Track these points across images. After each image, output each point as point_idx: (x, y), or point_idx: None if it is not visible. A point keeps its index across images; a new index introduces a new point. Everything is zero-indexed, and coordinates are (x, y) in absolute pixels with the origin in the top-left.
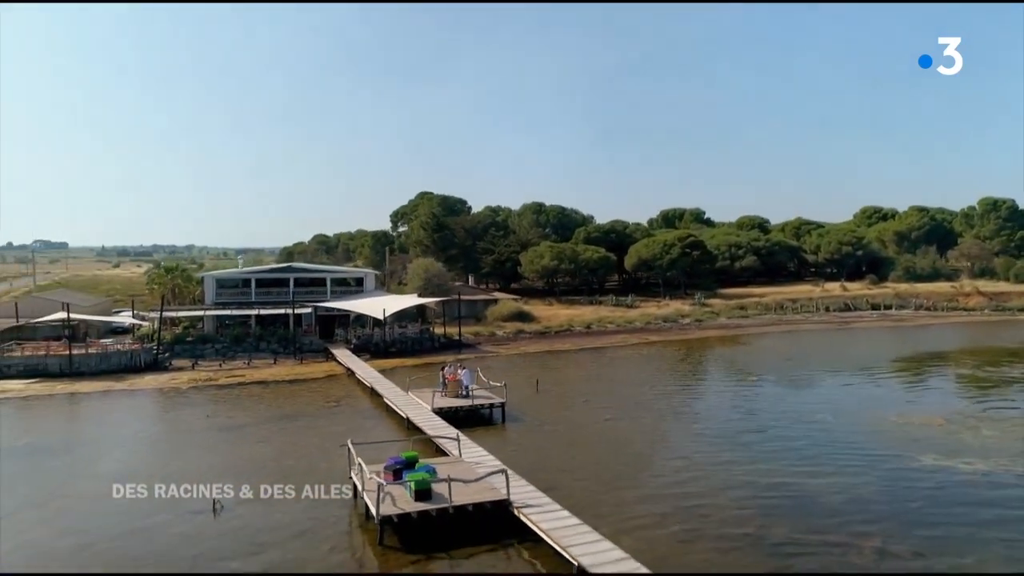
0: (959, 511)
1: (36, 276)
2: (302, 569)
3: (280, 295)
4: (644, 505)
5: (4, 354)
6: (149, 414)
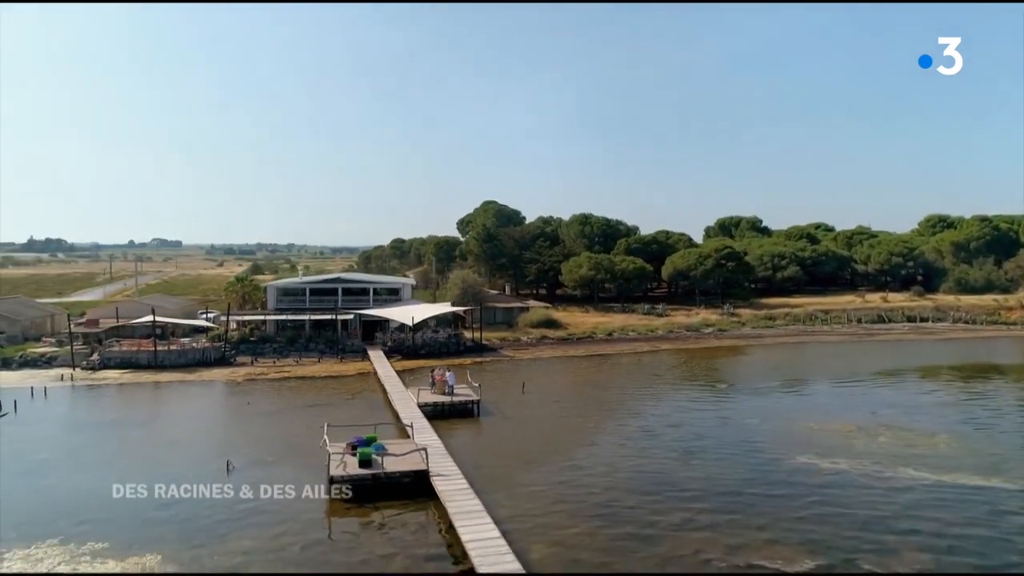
0: (784, 497)
1: (149, 276)
2: (280, 506)
3: (330, 303)
4: (536, 479)
5: (107, 349)
6: (208, 400)
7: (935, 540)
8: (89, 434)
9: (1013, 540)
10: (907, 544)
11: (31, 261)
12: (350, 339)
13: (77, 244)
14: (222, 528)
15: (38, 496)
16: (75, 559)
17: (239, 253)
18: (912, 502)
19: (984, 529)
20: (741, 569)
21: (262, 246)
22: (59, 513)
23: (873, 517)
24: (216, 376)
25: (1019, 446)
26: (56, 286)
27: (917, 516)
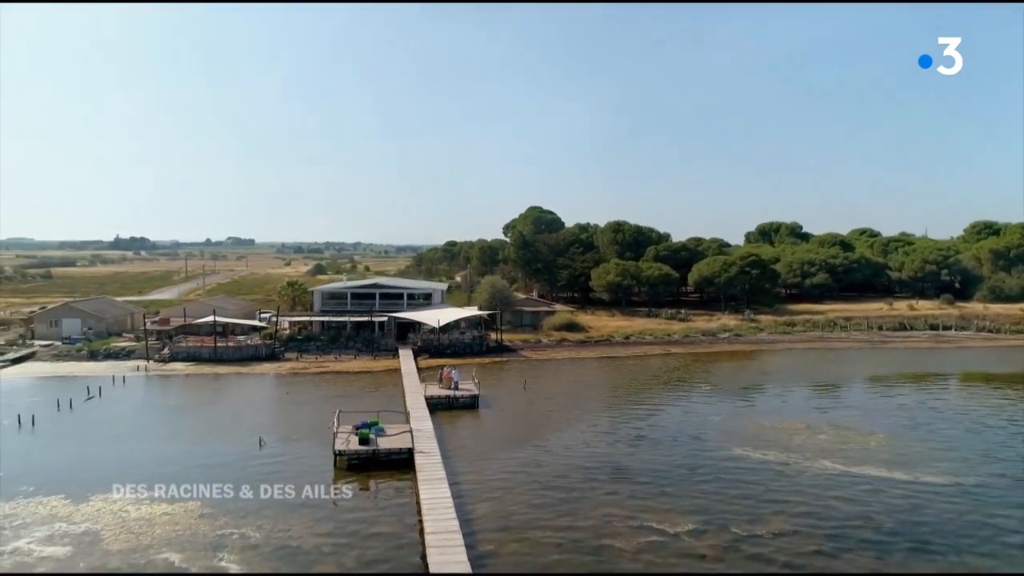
0: (699, 478)
1: (220, 275)
2: (295, 471)
3: (369, 306)
4: (503, 457)
5: (175, 344)
6: (256, 390)
7: (802, 512)
8: (157, 415)
9: (872, 518)
10: (777, 514)
11: (116, 259)
12: (385, 339)
13: (159, 242)
14: (243, 481)
15: (116, 459)
16: (139, 501)
17: (307, 252)
18: (807, 485)
19: (851, 506)
20: (633, 528)
21: (330, 245)
22: (130, 470)
23: (765, 495)
24: (266, 370)
25: (938, 447)
26: (137, 284)
27: (802, 495)
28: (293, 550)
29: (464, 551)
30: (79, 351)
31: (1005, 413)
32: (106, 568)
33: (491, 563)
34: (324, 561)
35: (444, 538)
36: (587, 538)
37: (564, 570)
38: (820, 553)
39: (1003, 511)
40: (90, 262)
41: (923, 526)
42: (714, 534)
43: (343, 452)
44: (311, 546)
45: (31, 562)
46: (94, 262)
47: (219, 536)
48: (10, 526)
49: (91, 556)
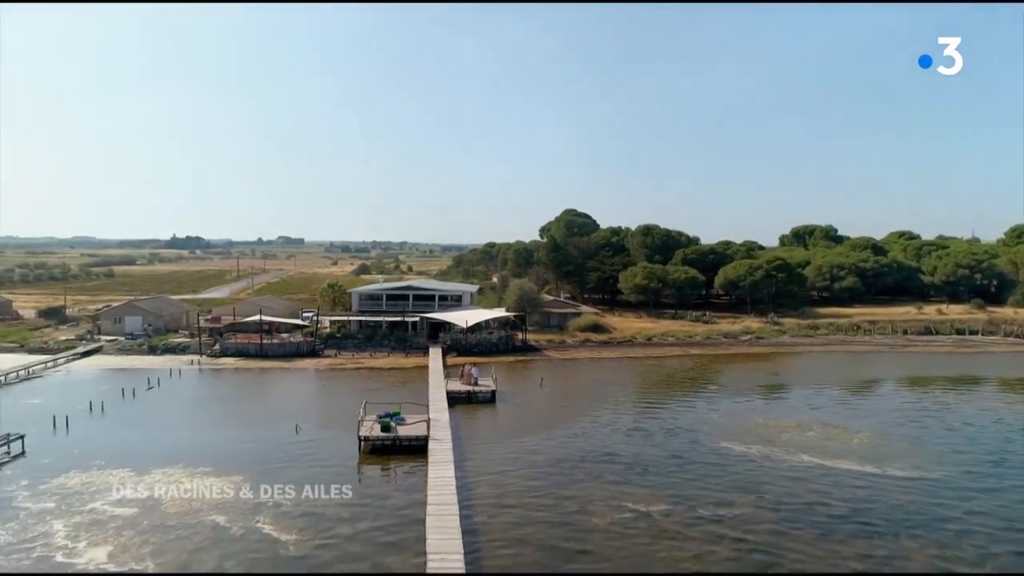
0: (683, 467)
1: (270, 274)
2: (326, 454)
3: (403, 306)
4: (508, 445)
5: (225, 341)
6: (296, 383)
7: (766, 498)
8: (208, 404)
9: (828, 503)
10: (743, 498)
11: (173, 258)
12: (417, 338)
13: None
14: (285, 462)
15: (172, 440)
16: (191, 475)
17: (354, 251)
18: (778, 475)
19: (813, 493)
20: (611, 506)
21: (376, 244)
22: (184, 449)
23: (737, 483)
24: (307, 365)
25: (917, 445)
26: (192, 283)
27: (771, 483)
28: (317, 516)
29: (457, 518)
30: (140, 346)
31: (997, 415)
32: (164, 526)
33: (483, 528)
34: (342, 524)
35: (442, 508)
36: (568, 511)
37: (543, 539)
38: (771, 532)
39: (952, 501)
40: (149, 261)
41: (872, 511)
42: (680, 513)
43: (367, 438)
44: (332, 513)
45: (105, 520)
46: (152, 261)
47: (257, 503)
48: (87, 492)
49: (152, 516)
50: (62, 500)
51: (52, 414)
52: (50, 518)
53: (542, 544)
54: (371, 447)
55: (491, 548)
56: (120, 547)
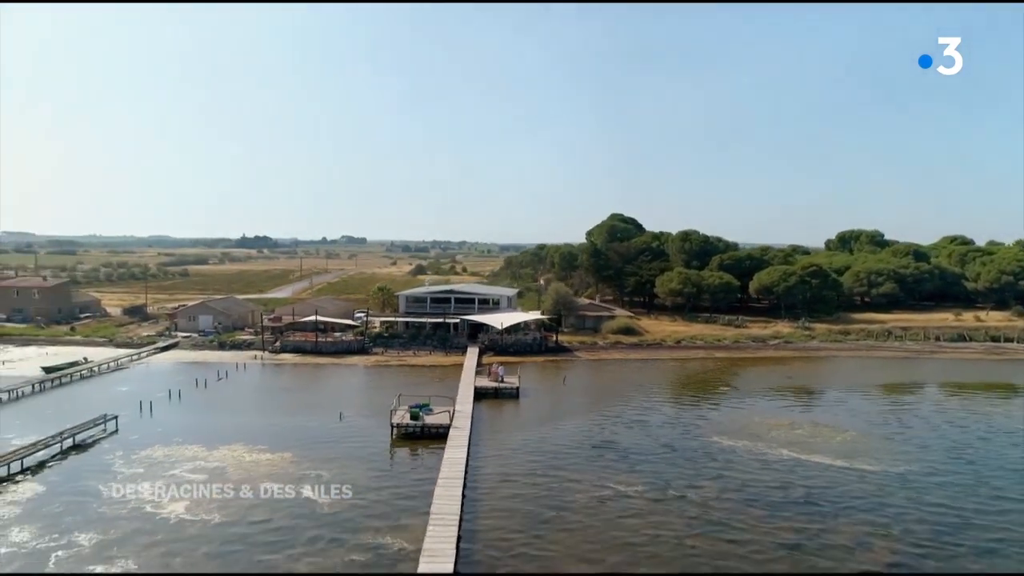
0: (669, 455)
1: (331, 274)
2: (363, 437)
3: (445, 308)
4: (521, 434)
5: (285, 338)
6: (345, 378)
7: (735, 482)
8: (267, 394)
9: (788, 489)
10: (713, 482)
11: (242, 257)
12: (457, 338)
13: (279, 240)
14: (328, 443)
15: (236, 422)
16: (250, 451)
17: (414, 250)
18: (753, 465)
19: (777, 481)
20: (596, 484)
21: (436, 243)
22: (245, 430)
23: (712, 470)
24: (356, 362)
25: (894, 444)
26: (259, 282)
27: (743, 471)
28: (352, 483)
29: (460, 489)
30: (211, 342)
31: (986, 420)
32: (227, 488)
33: (483, 497)
34: (369, 489)
35: (449, 481)
36: (559, 487)
37: (530, 507)
38: (726, 509)
39: (901, 491)
40: (220, 260)
41: (824, 496)
42: (653, 492)
43: (398, 425)
44: (363, 481)
45: (182, 482)
46: (223, 260)
47: (302, 474)
48: (168, 461)
49: (219, 481)
50: (149, 467)
51: (138, 399)
52: (140, 480)
53: (527, 510)
54: (401, 433)
55: (485, 512)
56: (193, 503)
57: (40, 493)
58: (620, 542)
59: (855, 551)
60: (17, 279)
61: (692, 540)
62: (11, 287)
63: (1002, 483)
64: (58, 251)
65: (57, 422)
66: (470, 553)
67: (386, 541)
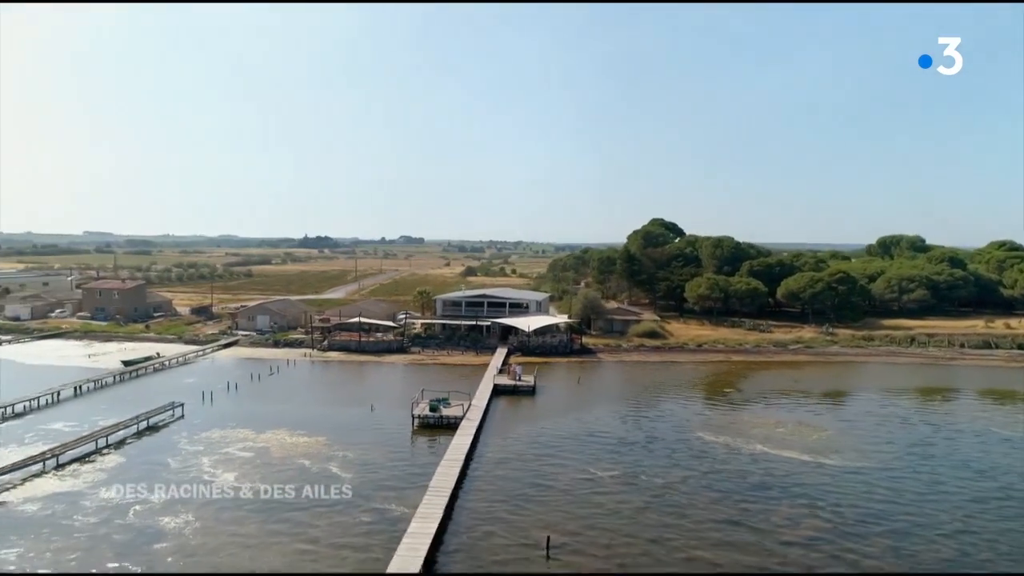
0: (652, 447)
1: (384, 275)
2: (389, 426)
3: (479, 312)
4: (526, 426)
5: (332, 338)
6: (383, 374)
7: (700, 470)
8: (312, 388)
9: (746, 477)
10: (681, 470)
11: (304, 257)
12: (489, 339)
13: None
14: (358, 430)
15: (282, 411)
16: (291, 435)
17: (470, 250)
18: (723, 457)
19: (740, 469)
20: (578, 468)
21: (492, 243)
22: (289, 418)
23: (684, 459)
24: (395, 360)
25: (865, 443)
26: (317, 283)
27: (711, 462)
28: (372, 462)
29: (458, 468)
30: (267, 340)
31: (967, 424)
32: (269, 463)
33: (476, 476)
34: (385, 467)
35: (450, 462)
36: (544, 471)
37: (514, 485)
38: (684, 492)
39: (850, 483)
40: (282, 260)
41: (777, 484)
42: (625, 477)
43: (419, 416)
44: (381, 461)
45: (233, 458)
46: (286, 260)
47: (331, 455)
48: (223, 441)
49: (264, 457)
50: (207, 446)
51: (201, 390)
52: (201, 456)
53: (513, 486)
54: (421, 423)
55: (477, 486)
56: (242, 474)
57: (121, 463)
58: (583, 513)
59: (782, 526)
60: (100, 281)
61: (645, 514)
62: (95, 288)
63: (947, 477)
64: (134, 251)
65: (134, 407)
66: (455, 514)
67: (390, 507)
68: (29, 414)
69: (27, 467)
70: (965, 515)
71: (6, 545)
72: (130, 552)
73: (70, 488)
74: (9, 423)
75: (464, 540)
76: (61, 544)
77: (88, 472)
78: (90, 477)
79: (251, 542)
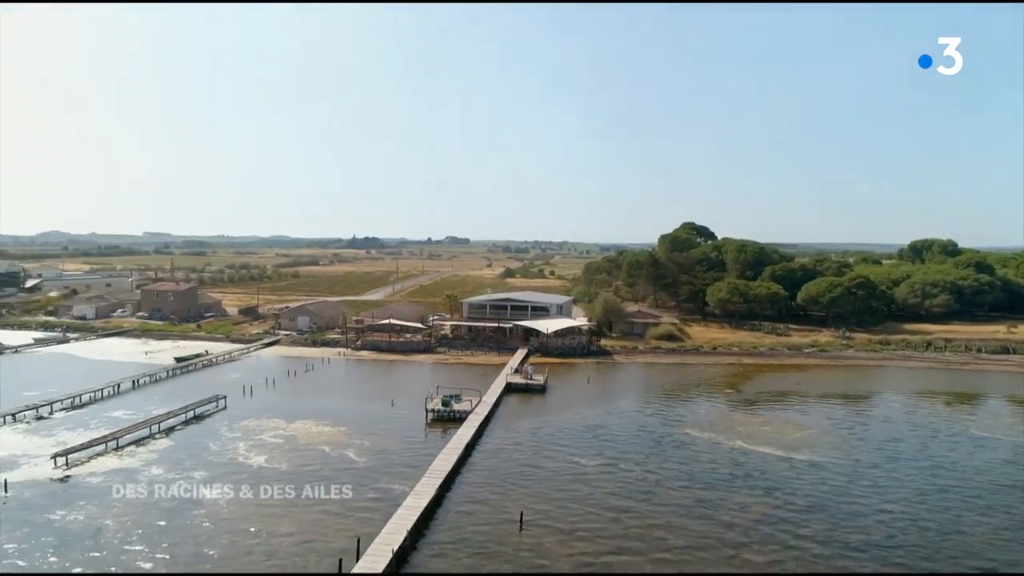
0: (638, 439)
1: (427, 276)
2: (405, 418)
3: (502, 314)
4: (528, 420)
5: (365, 338)
6: (410, 373)
7: (677, 461)
8: (343, 384)
9: (717, 468)
10: (659, 460)
11: (351, 258)
12: (512, 341)
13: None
14: (377, 422)
15: (312, 404)
16: (317, 425)
17: (514, 250)
18: (702, 451)
19: (713, 461)
20: (566, 455)
21: (537, 243)
22: (315, 411)
23: (665, 451)
24: (421, 360)
25: (841, 441)
26: (359, 284)
27: (689, 454)
28: (384, 449)
29: (457, 455)
30: (305, 340)
31: (947, 425)
32: (295, 449)
33: (474, 463)
34: (398, 453)
35: (451, 450)
36: (535, 460)
37: (506, 470)
38: (654, 479)
39: (813, 476)
40: (330, 261)
41: (746, 475)
42: (607, 466)
43: (432, 410)
44: (394, 447)
45: (266, 444)
46: (333, 261)
47: (349, 442)
48: (259, 429)
49: (292, 443)
50: (244, 433)
51: (243, 384)
52: (237, 441)
53: (503, 471)
54: (434, 417)
55: (471, 471)
56: (271, 457)
57: (170, 447)
58: (559, 496)
59: (735, 509)
60: (157, 283)
61: (615, 496)
62: (152, 290)
63: (904, 472)
64: (190, 252)
65: (184, 399)
66: (446, 493)
67: (393, 486)
68: (94, 403)
69: (92, 448)
70: (906, 504)
71: (76, 509)
72: (173, 516)
73: (127, 465)
74: (77, 411)
75: (451, 515)
76: (119, 509)
77: (142, 453)
78: (144, 457)
79: (273, 511)
